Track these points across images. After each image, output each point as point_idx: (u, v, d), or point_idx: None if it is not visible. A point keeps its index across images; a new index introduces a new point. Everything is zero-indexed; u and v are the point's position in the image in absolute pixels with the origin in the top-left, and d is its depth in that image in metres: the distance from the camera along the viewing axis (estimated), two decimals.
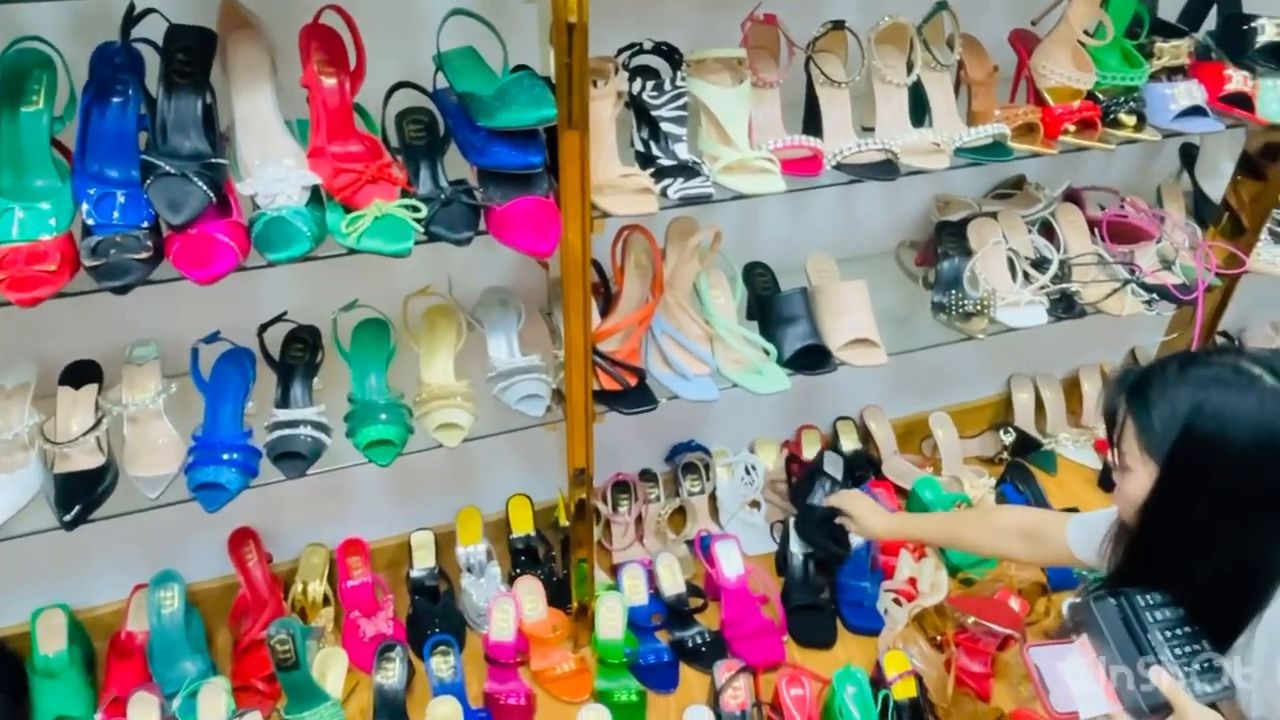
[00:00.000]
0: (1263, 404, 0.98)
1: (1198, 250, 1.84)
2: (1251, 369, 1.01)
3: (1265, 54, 1.64)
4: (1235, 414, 0.99)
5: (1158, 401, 1.05)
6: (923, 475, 2.04)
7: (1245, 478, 0.99)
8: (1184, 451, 1.02)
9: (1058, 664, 1.09)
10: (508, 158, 1.22)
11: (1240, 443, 0.99)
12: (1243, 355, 1.05)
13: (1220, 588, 1.05)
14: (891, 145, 1.46)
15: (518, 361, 1.52)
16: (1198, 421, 1.01)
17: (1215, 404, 1.00)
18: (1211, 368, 1.03)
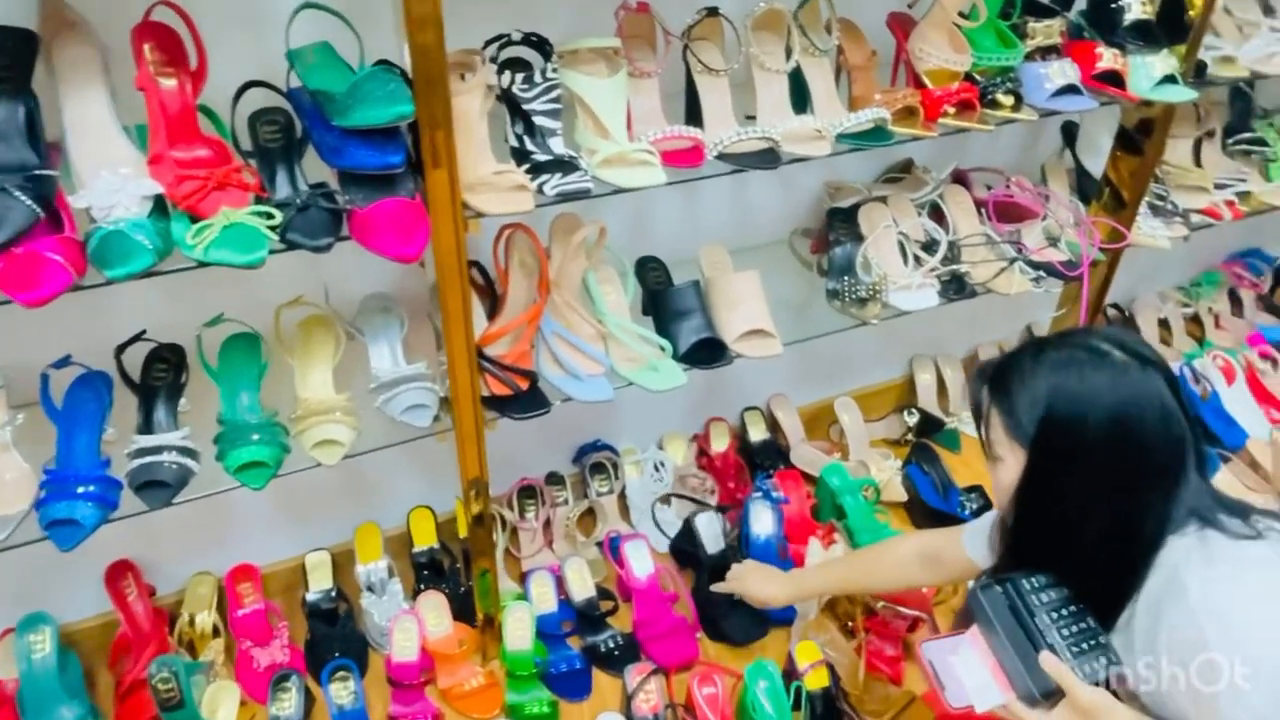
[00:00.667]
0: (1115, 379, 1.01)
1: (1081, 226, 1.88)
2: (1101, 346, 1.04)
3: (1134, 32, 1.67)
4: (1091, 392, 1.01)
5: (1017, 389, 1.06)
6: (830, 462, 2.04)
7: (1107, 452, 1.01)
8: (1047, 434, 1.03)
9: (950, 658, 1.08)
10: (366, 158, 1.16)
11: (1099, 419, 1.01)
12: (1092, 334, 1.07)
13: (1098, 564, 1.06)
14: (773, 133, 1.44)
15: (402, 370, 1.45)
16: (1057, 403, 1.03)
17: (1071, 384, 1.03)
18: (1064, 350, 1.05)
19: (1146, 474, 1.02)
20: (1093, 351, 1.04)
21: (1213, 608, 0.96)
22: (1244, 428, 2.23)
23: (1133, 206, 1.92)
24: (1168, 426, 1.02)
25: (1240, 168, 2.10)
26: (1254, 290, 2.59)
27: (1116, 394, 1.01)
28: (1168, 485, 1.03)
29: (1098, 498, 1.03)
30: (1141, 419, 1.01)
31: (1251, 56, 1.82)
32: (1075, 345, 1.06)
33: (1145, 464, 1.02)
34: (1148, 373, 1.02)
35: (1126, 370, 1.02)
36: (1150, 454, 1.02)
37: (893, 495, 2.05)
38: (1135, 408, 1.00)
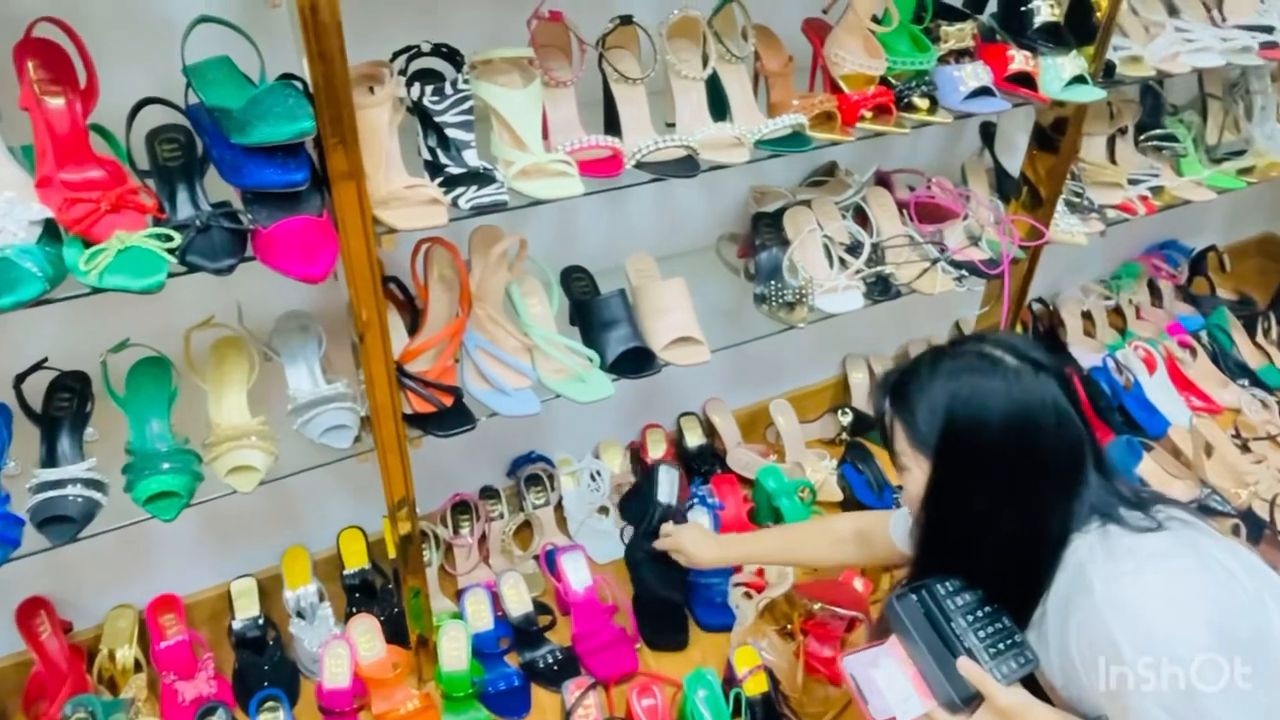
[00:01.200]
0: (1009, 384, 1.04)
1: (1001, 225, 1.91)
2: (994, 353, 1.07)
3: (1043, 33, 1.70)
4: (987, 397, 1.04)
5: (917, 399, 1.09)
6: (766, 464, 2.05)
7: (1007, 456, 1.04)
8: (949, 441, 1.06)
9: (871, 671, 1.09)
10: (267, 176, 1.12)
11: (996, 423, 1.04)
12: (985, 341, 1.10)
13: (1007, 566, 1.07)
14: (691, 141, 1.43)
15: (321, 391, 1.41)
16: (955, 411, 1.06)
17: (967, 391, 1.05)
18: (959, 359, 1.09)
19: (1047, 475, 1.05)
20: (986, 358, 1.07)
21: (1117, 603, 0.98)
22: (1166, 416, 2.30)
23: (1050, 204, 1.96)
24: (1063, 428, 1.05)
25: (1153, 163, 2.16)
26: (1172, 281, 2.67)
27: (1011, 399, 1.03)
28: (1069, 485, 1.06)
29: (1002, 501, 1.05)
30: (1037, 422, 1.04)
31: (1157, 56, 1.87)
32: (969, 353, 1.09)
33: (1045, 466, 1.05)
34: (1040, 377, 1.05)
35: (1020, 375, 1.05)
36: (1049, 456, 1.05)
37: (829, 495, 2.06)
38: (1030, 412, 1.03)
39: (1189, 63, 1.88)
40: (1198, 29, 1.96)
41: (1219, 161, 2.22)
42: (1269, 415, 2.33)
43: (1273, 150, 2.22)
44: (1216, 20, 2.03)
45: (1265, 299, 2.80)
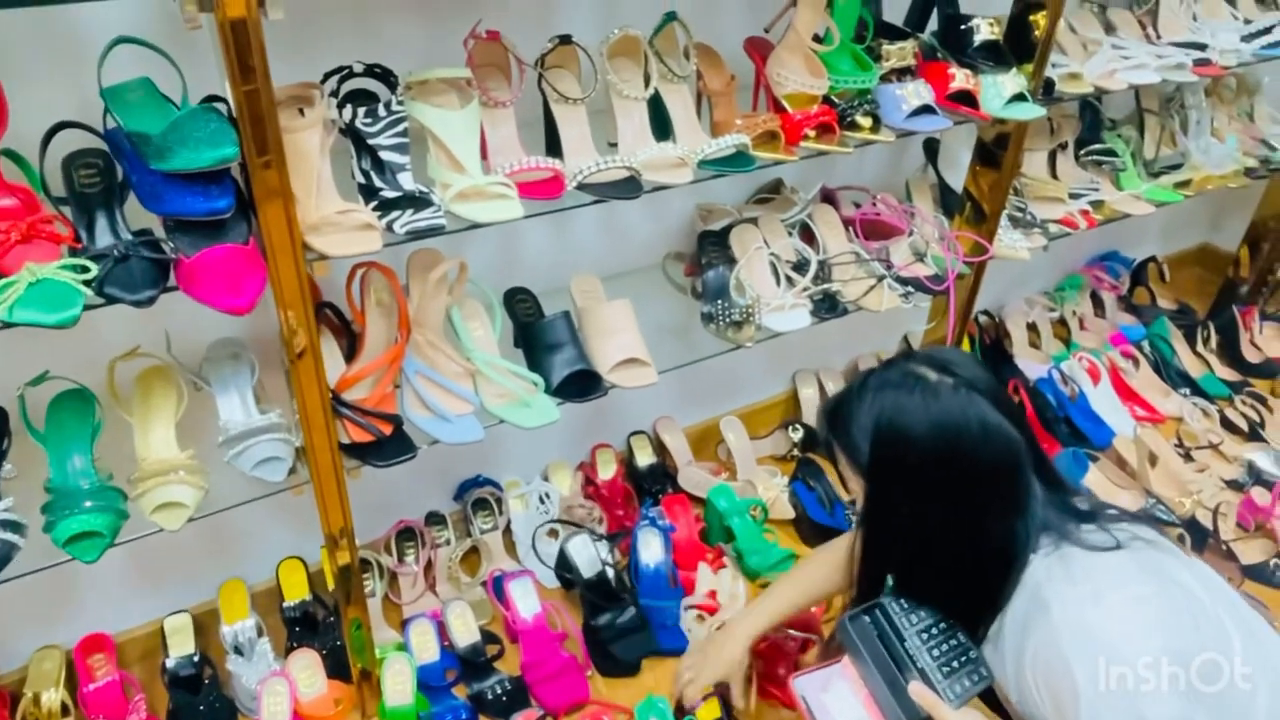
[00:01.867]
0: (929, 401, 1.06)
1: (945, 241, 1.92)
2: (918, 370, 1.09)
3: (984, 52, 1.72)
4: (908, 414, 1.06)
5: (851, 421, 1.11)
6: (717, 483, 2.03)
7: (933, 471, 1.05)
8: (878, 458, 1.08)
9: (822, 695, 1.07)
10: (188, 204, 1.08)
11: (921, 438, 1.05)
12: (913, 359, 1.12)
13: (955, 583, 1.07)
14: (634, 162, 1.42)
15: (254, 421, 1.36)
16: (880, 428, 1.08)
17: (891, 409, 1.07)
18: (886, 378, 1.11)
19: (980, 489, 1.06)
20: (910, 375, 1.09)
21: (1075, 626, 0.98)
22: (1110, 426, 2.33)
23: (993, 219, 1.97)
24: (990, 442, 1.05)
25: (1093, 177, 2.20)
26: (1114, 292, 2.71)
27: (930, 414, 1.05)
28: (1008, 499, 1.06)
29: (935, 516, 1.06)
30: (959, 436, 1.04)
31: (1095, 73, 1.90)
32: (895, 372, 1.11)
33: (976, 480, 1.05)
34: (965, 393, 1.06)
35: (939, 391, 1.06)
36: (978, 470, 1.05)
37: (780, 513, 2.05)
38: (952, 426, 1.04)
39: (1126, 79, 1.92)
40: (1134, 46, 2.00)
41: (1157, 175, 2.26)
42: (1210, 424, 2.38)
43: (1208, 164, 2.26)
44: (1152, 38, 2.07)
45: (1204, 308, 2.86)
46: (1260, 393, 2.47)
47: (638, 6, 1.57)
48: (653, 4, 1.55)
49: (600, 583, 1.77)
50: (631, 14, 1.55)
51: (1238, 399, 2.45)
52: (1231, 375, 2.57)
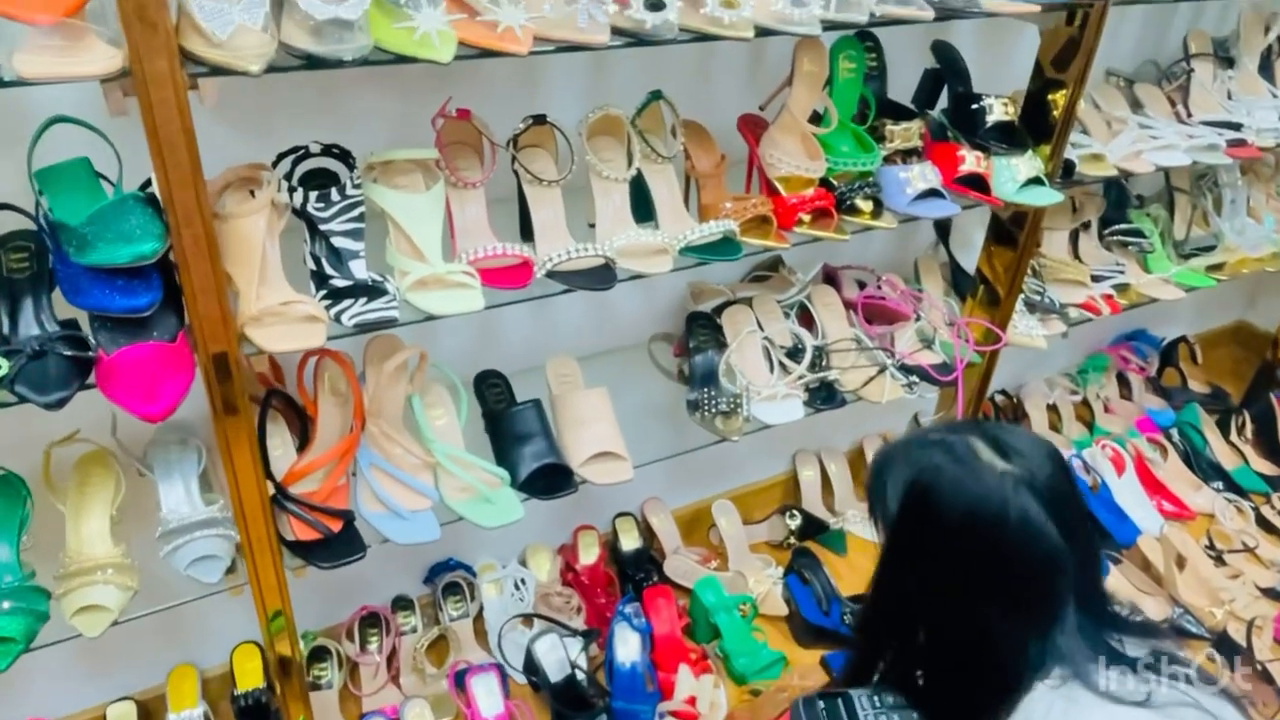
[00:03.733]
0: (972, 478, 0.95)
1: (955, 327, 1.80)
2: (974, 443, 0.98)
3: (996, 133, 1.61)
4: (947, 485, 0.96)
5: (890, 475, 1.02)
6: (704, 575, 1.91)
7: (956, 554, 0.96)
8: (901, 521, 0.99)
9: None
10: (107, 300, 1.00)
11: (950, 515, 0.95)
12: (976, 429, 1.00)
13: (944, 682, 0.99)
14: (610, 248, 1.33)
15: (196, 514, 1.28)
16: (914, 490, 0.98)
17: (930, 473, 0.97)
18: (940, 438, 1.00)
19: (999, 594, 0.94)
20: (962, 446, 0.98)
21: None
22: (1135, 522, 2.18)
23: (1008, 303, 1.86)
24: (1026, 545, 0.93)
25: (1118, 259, 2.07)
26: (1141, 374, 2.57)
27: (968, 494, 0.94)
28: (1030, 615, 0.94)
29: (943, 606, 0.97)
30: (993, 528, 0.93)
31: (1119, 154, 1.78)
32: (952, 436, 1.00)
33: (997, 582, 0.94)
34: (1014, 484, 0.93)
35: (984, 472, 0.95)
36: (1004, 572, 0.94)
37: (772, 609, 1.93)
38: (989, 515, 0.93)
39: (1153, 161, 1.80)
40: (1162, 125, 1.89)
41: (1187, 257, 2.12)
42: (1244, 523, 2.21)
43: (1244, 245, 2.13)
44: (1182, 116, 1.95)
45: (1239, 390, 2.70)
46: None
47: (624, 81, 1.49)
48: (641, 78, 1.47)
49: (569, 687, 1.65)
50: (618, 89, 1.47)
51: (1275, 496, 2.28)
52: (1269, 468, 2.41)
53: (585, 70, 1.49)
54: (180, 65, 0.93)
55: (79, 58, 0.92)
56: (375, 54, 1.03)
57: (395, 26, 1.02)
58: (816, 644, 1.86)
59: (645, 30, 1.13)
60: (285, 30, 1.00)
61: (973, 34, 1.77)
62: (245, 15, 0.93)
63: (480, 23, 1.06)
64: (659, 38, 1.15)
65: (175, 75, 0.92)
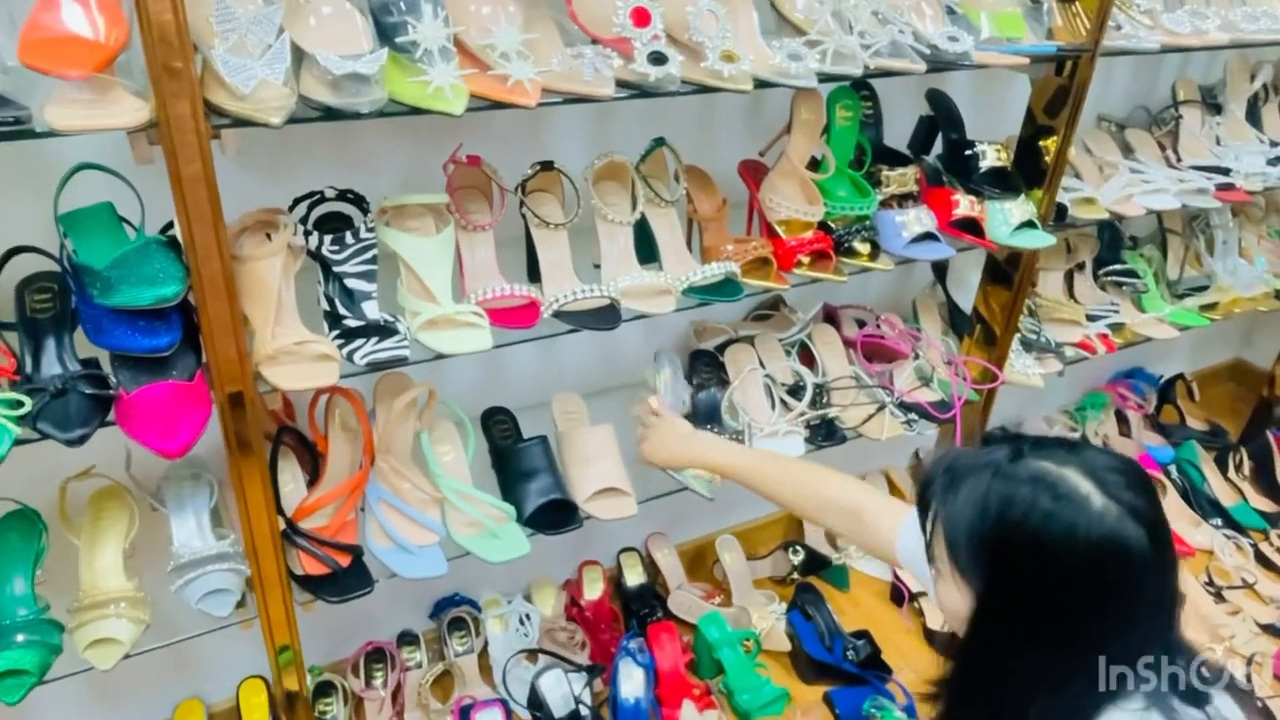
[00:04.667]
0: (1083, 515, 0.84)
1: (953, 366, 1.84)
2: (1068, 474, 0.86)
3: (990, 178, 1.66)
4: (1059, 530, 0.84)
5: (965, 503, 0.89)
6: (708, 610, 1.92)
7: (1069, 594, 0.86)
8: (1003, 574, 0.88)
9: None
10: (129, 340, 1.04)
11: (1067, 558, 0.84)
12: (1066, 452, 0.89)
13: None
14: (614, 289, 1.37)
15: (208, 548, 1.31)
16: (1009, 530, 0.86)
17: (1036, 522, 0.85)
18: (1027, 473, 0.87)
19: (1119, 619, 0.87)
20: (1053, 479, 0.86)
21: None
22: None
23: (1004, 342, 1.89)
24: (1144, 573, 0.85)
25: (1113, 299, 2.10)
26: (1139, 411, 2.59)
27: (1083, 534, 0.83)
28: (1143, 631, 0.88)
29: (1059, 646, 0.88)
30: (1117, 562, 0.84)
31: (1111, 197, 1.83)
32: (1039, 462, 0.88)
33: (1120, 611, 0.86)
34: (1117, 518, 0.84)
35: (1092, 508, 0.84)
36: (1129, 600, 0.86)
37: (775, 644, 1.94)
38: (1116, 550, 0.83)
39: (1144, 205, 1.84)
40: (1153, 169, 1.93)
41: (1181, 297, 2.16)
42: (1243, 560, 2.23)
43: (1236, 285, 2.17)
44: (1172, 160, 2.00)
45: (1236, 427, 2.72)
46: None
47: (628, 128, 1.54)
48: (645, 126, 1.52)
49: None
50: (622, 135, 1.52)
51: (1274, 533, 2.30)
52: (1267, 505, 2.42)
53: (591, 118, 1.55)
54: (205, 117, 0.98)
55: (108, 110, 0.96)
56: (390, 106, 1.07)
57: (410, 80, 1.06)
58: (819, 680, 1.87)
59: (649, 83, 1.18)
60: (304, 83, 1.05)
61: (966, 82, 1.82)
62: (268, 70, 0.98)
63: (491, 76, 1.11)
64: (662, 90, 1.19)
65: (199, 127, 0.97)
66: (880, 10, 1.41)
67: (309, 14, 1.06)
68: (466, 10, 1.14)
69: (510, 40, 1.11)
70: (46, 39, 0.95)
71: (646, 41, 1.20)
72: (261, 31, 0.99)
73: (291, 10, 1.04)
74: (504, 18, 1.14)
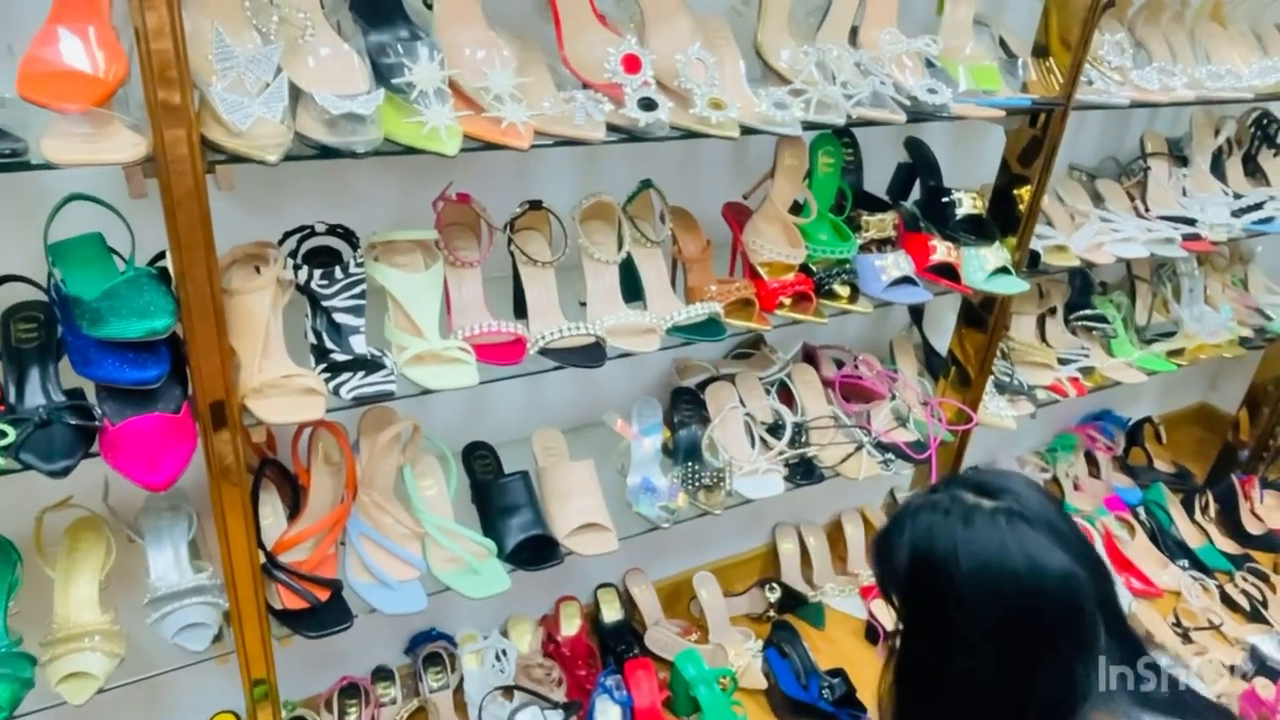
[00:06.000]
0: (964, 527, 0.92)
1: (928, 407, 1.87)
2: (960, 493, 0.96)
3: (966, 225, 1.70)
4: (944, 542, 0.93)
5: (893, 551, 0.98)
6: (685, 648, 1.92)
7: (973, 613, 0.92)
8: (910, 595, 0.97)
9: None
10: (117, 372, 1.04)
11: (957, 574, 0.92)
12: (957, 481, 0.98)
13: None
14: (600, 327, 1.38)
15: (185, 581, 1.30)
16: (917, 559, 0.95)
17: (924, 536, 0.94)
18: (930, 498, 0.98)
19: (1028, 642, 0.92)
20: (949, 500, 0.95)
21: None
22: None
23: (979, 384, 1.93)
24: (1041, 581, 0.90)
25: (1083, 343, 2.15)
26: (1108, 453, 2.64)
27: (967, 545, 0.91)
28: (1065, 653, 0.92)
29: (974, 673, 0.93)
30: (1001, 573, 0.90)
31: (1082, 245, 1.88)
32: (941, 494, 0.97)
33: (1024, 630, 0.91)
34: (1008, 521, 0.92)
35: (974, 517, 0.92)
36: (1028, 617, 0.91)
37: (752, 682, 1.94)
38: (993, 561, 0.90)
39: (1114, 253, 1.90)
40: (1122, 219, 1.99)
41: (1149, 342, 2.22)
42: (1209, 601, 2.26)
43: (1202, 332, 2.22)
44: (1140, 210, 2.06)
45: (1202, 469, 2.78)
46: (1262, 569, 2.36)
47: (616, 169, 1.57)
48: (633, 167, 1.55)
49: None
50: (610, 176, 1.55)
51: (1238, 575, 2.34)
52: (1232, 547, 2.47)
53: (580, 158, 1.57)
54: (201, 153, 0.99)
55: (104, 144, 0.97)
56: (386, 145, 1.09)
57: (406, 121, 1.08)
58: (795, 718, 1.87)
59: (638, 128, 1.21)
60: (301, 121, 1.07)
61: (944, 132, 1.88)
62: (265, 108, 0.99)
63: (485, 118, 1.14)
64: (651, 135, 1.22)
65: (195, 163, 0.98)
66: (862, 62, 1.46)
67: (307, 54, 1.07)
68: (461, 54, 1.17)
69: (504, 83, 1.14)
70: (46, 73, 0.96)
71: (637, 87, 1.23)
72: (259, 70, 1.00)
73: (290, 50, 1.06)
74: (498, 61, 1.16)
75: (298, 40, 1.05)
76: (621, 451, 1.69)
